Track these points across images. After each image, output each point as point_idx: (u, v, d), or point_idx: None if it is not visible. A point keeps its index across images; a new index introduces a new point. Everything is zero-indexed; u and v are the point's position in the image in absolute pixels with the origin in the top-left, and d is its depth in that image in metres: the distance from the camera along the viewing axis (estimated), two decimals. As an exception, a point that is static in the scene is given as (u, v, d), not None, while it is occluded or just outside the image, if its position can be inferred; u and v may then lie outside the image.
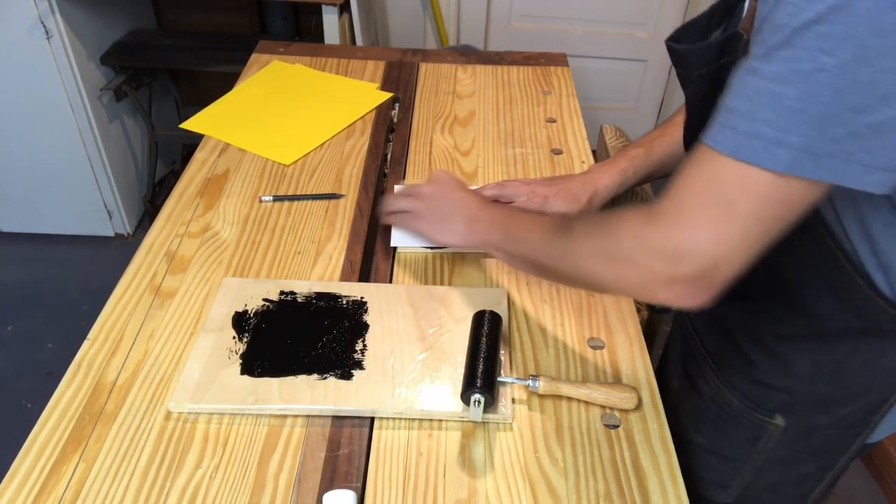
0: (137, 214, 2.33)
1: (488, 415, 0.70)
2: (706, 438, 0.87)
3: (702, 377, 0.86)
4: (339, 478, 0.66)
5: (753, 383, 0.79)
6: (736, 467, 0.85)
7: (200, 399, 0.71)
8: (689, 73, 0.72)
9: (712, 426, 0.85)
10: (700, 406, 0.87)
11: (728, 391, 0.82)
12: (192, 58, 2.11)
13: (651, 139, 0.94)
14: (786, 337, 0.74)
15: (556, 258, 0.68)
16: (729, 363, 0.82)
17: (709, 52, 0.67)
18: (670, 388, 0.95)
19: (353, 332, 0.79)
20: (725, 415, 0.83)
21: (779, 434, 0.79)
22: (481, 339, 0.74)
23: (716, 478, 0.88)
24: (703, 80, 0.70)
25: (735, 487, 0.88)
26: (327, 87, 1.30)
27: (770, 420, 0.79)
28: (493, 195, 0.95)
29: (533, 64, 1.39)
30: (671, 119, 0.95)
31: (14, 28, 1.80)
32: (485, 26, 2.50)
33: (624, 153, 0.94)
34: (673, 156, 0.93)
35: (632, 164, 0.92)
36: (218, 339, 0.78)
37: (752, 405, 0.80)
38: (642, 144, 0.93)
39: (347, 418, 0.71)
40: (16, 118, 1.97)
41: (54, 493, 0.64)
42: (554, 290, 0.87)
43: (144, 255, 0.91)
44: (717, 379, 0.83)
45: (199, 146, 1.13)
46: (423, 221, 0.86)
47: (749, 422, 0.81)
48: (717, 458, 0.87)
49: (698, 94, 0.71)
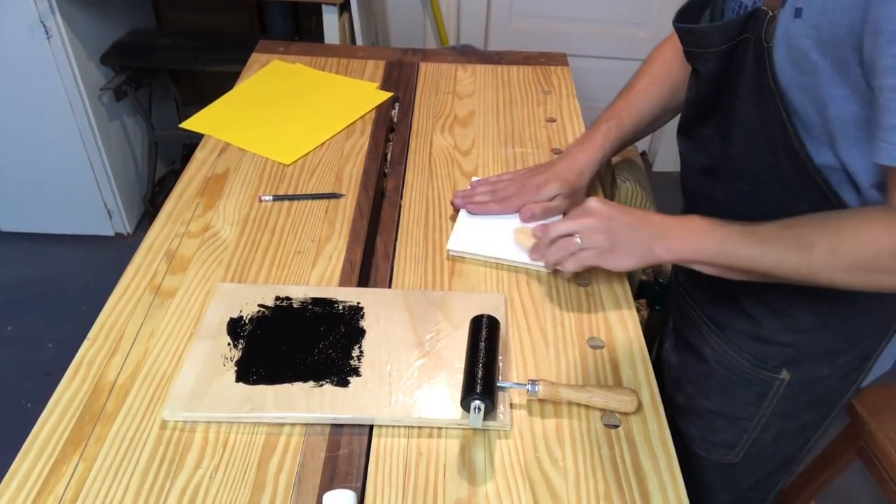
0: (137, 214, 2.33)
1: (487, 422, 0.70)
2: (714, 402, 0.90)
3: (706, 344, 0.89)
4: (339, 478, 0.66)
5: (759, 342, 0.83)
6: (744, 426, 0.89)
7: (195, 408, 0.70)
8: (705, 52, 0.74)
9: (720, 389, 0.89)
10: (706, 371, 0.90)
11: (734, 352, 0.85)
12: (192, 58, 2.11)
13: (619, 111, 0.96)
14: (786, 292, 0.77)
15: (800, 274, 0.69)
16: (733, 326, 0.86)
17: (731, 29, 0.69)
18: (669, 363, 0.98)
19: (350, 338, 0.79)
20: (733, 376, 0.87)
21: (784, 388, 0.83)
22: (479, 345, 0.73)
23: (725, 439, 0.92)
24: (722, 56, 0.72)
25: (742, 446, 0.91)
26: (327, 86, 1.30)
27: (776, 375, 0.83)
28: (486, 199, 0.96)
29: (533, 64, 1.39)
30: (633, 86, 0.98)
31: (14, 28, 1.80)
32: (485, 26, 2.50)
33: (597, 128, 0.97)
34: (640, 125, 0.97)
35: (607, 139, 0.95)
36: (213, 345, 0.77)
37: (758, 363, 0.84)
38: (612, 117, 0.96)
39: (345, 426, 0.71)
40: (16, 118, 1.97)
41: (54, 493, 0.64)
42: (553, 290, 0.87)
43: (144, 254, 0.91)
44: (724, 343, 0.87)
45: (199, 146, 1.13)
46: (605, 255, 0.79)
47: (756, 379, 0.85)
48: (726, 420, 0.90)
49: (715, 70, 0.74)
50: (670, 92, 0.94)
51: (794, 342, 0.81)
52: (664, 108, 0.96)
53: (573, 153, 0.96)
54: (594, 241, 0.78)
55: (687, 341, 0.94)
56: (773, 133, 0.69)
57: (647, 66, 0.97)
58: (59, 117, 1.96)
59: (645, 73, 0.97)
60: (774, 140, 0.69)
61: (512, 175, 0.99)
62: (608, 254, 0.78)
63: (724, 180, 0.79)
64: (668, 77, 0.94)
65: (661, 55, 0.96)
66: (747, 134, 0.72)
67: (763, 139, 0.70)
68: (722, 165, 0.78)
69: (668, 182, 2.61)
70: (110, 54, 2.06)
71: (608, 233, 0.78)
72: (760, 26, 0.65)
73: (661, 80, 0.95)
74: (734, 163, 0.76)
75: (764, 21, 0.65)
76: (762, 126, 0.70)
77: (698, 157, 0.83)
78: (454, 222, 0.96)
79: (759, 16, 0.66)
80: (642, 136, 0.99)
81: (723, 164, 0.78)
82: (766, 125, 0.69)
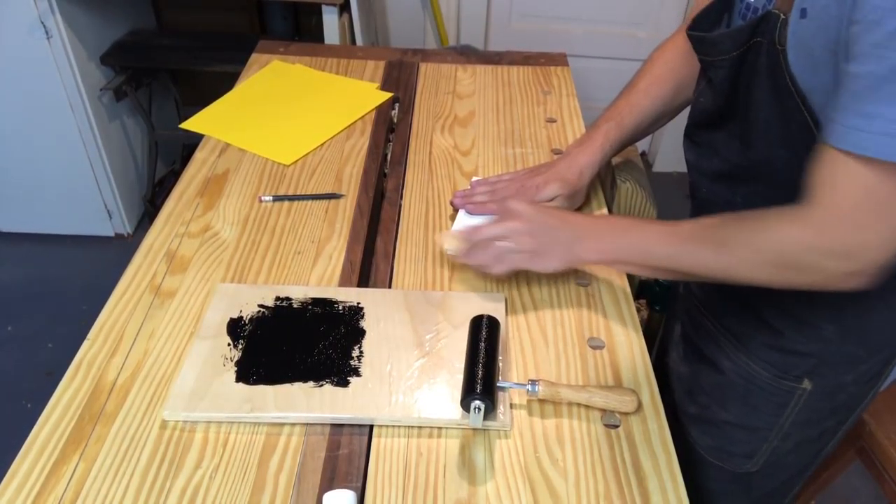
0: (137, 214, 2.33)
1: (487, 422, 0.70)
2: (733, 414, 0.89)
3: (724, 356, 0.88)
4: (339, 478, 0.66)
5: (781, 352, 0.82)
6: (764, 436, 0.88)
7: (195, 408, 0.70)
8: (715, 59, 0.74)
9: (739, 401, 0.88)
10: (723, 383, 0.89)
11: (756, 364, 0.84)
12: (192, 58, 2.11)
13: (620, 111, 0.96)
14: (810, 301, 0.76)
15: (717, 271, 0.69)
16: (753, 337, 0.84)
17: (742, 34, 0.69)
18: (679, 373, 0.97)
19: (350, 338, 0.79)
20: (754, 387, 0.86)
21: (805, 397, 0.83)
22: (479, 345, 0.73)
23: (744, 450, 0.91)
24: (734, 62, 0.72)
25: (761, 455, 0.90)
26: (327, 87, 1.30)
27: (798, 385, 0.82)
28: (485, 199, 0.96)
29: (533, 64, 1.39)
30: (634, 86, 0.98)
31: (14, 28, 1.80)
32: (485, 26, 2.50)
33: (597, 128, 0.97)
34: (641, 126, 0.97)
35: (607, 139, 0.95)
36: (213, 346, 0.77)
37: (780, 374, 0.83)
38: (612, 118, 0.96)
39: (346, 426, 0.71)
40: (16, 118, 1.97)
41: (54, 493, 0.64)
42: (554, 291, 0.87)
43: (144, 255, 0.91)
44: (743, 354, 0.85)
45: (199, 146, 1.13)
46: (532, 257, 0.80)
47: (778, 390, 0.84)
48: (745, 432, 0.89)
49: (728, 76, 0.74)
50: (672, 92, 0.94)
51: (816, 352, 0.80)
52: (665, 109, 0.96)
53: (573, 154, 0.96)
54: (521, 244, 0.79)
55: (701, 352, 0.92)
56: (797, 134, 0.68)
57: (649, 66, 0.97)
58: (59, 117, 1.96)
59: (646, 73, 0.97)
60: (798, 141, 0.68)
61: (511, 175, 0.99)
62: (535, 257, 0.80)
63: (742, 184, 0.78)
64: (670, 78, 0.94)
65: (663, 55, 0.96)
66: (768, 137, 0.71)
67: (786, 141, 0.69)
68: (740, 170, 0.77)
69: (668, 182, 2.61)
70: (110, 54, 2.06)
71: (533, 235, 0.79)
72: (773, 30, 0.65)
73: (663, 81, 0.95)
74: (755, 167, 0.75)
75: (776, 24, 0.65)
76: (785, 128, 0.69)
77: (710, 164, 0.82)
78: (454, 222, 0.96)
79: (770, 19, 0.65)
80: (643, 136, 0.99)
81: (742, 169, 0.77)
82: (789, 127, 0.68)
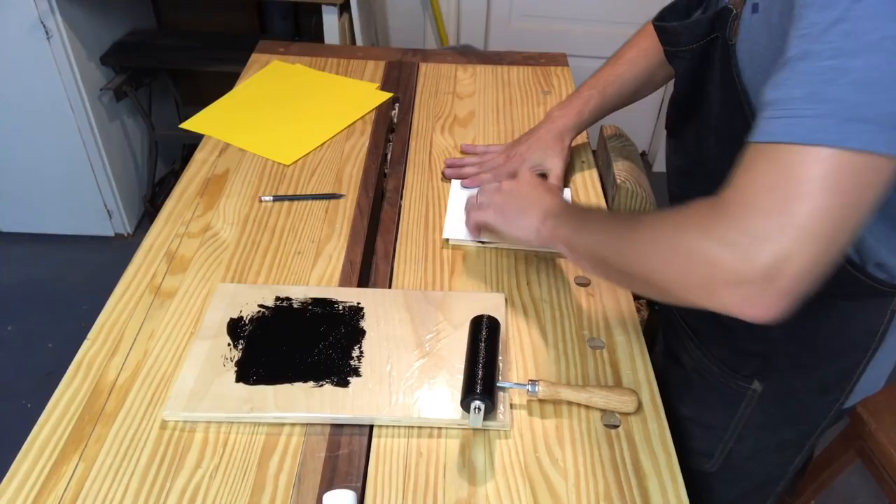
0: (137, 214, 2.33)
1: (487, 422, 0.70)
2: (689, 409, 0.90)
3: (684, 351, 0.90)
4: (339, 478, 0.66)
5: (731, 350, 0.83)
6: (718, 435, 0.89)
7: (195, 408, 0.70)
8: (678, 50, 0.75)
9: (695, 396, 0.89)
10: (683, 378, 0.90)
11: (709, 360, 0.85)
12: (192, 58, 2.11)
13: (604, 79, 1.01)
14: None
15: (622, 253, 0.64)
16: (708, 333, 0.85)
17: (699, 27, 0.70)
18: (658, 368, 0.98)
19: (350, 338, 0.79)
20: (707, 384, 0.86)
21: (756, 399, 0.83)
22: (479, 345, 0.73)
23: (701, 447, 0.91)
24: (695, 55, 0.73)
25: (718, 455, 0.91)
26: (327, 87, 1.30)
27: (748, 385, 0.82)
28: (475, 171, 1.03)
29: (533, 64, 1.39)
30: (621, 55, 1.01)
31: (14, 28, 1.80)
32: (485, 26, 2.50)
33: (578, 94, 1.03)
34: (623, 97, 1.02)
35: (586, 106, 1.01)
36: (213, 346, 0.77)
37: (730, 372, 0.83)
38: (594, 86, 1.02)
39: (346, 426, 0.71)
40: (16, 118, 1.96)
41: (54, 493, 0.64)
42: (554, 291, 0.87)
43: (144, 255, 0.91)
44: (699, 350, 0.87)
45: (199, 146, 1.13)
46: (498, 215, 0.86)
47: (729, 388, 0.84)
48: (701, 428, 0.90)
49: (689, 68, 0.75)
50: (657, 66, 0.97)
51: (763, 352, 0.79)
52: (646, 81, 1.00)
53: (551, 116, 1.03)
54: (500, 203, 0.86)
55: (669, 347, 0.94)
56: (740, 133, 0.62)
57: (639, 36, 1.00)
58: (59, 117, 1.96)
59: (635, 45, 1.00)
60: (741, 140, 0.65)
61: (498, 147, 1.07)
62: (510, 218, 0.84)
63: (698, 181, 0.77)
64: (657, 50, 0.94)
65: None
66: (717, 134, 0.71)
67: (731, 139, 0.66)
68: (696, 166, 0.78)
69: (668, 182, 2.61)
70: (110, 54, 2.06)
71: (513, 199, 0.84)
72: (725, 24, 0.65)
73: (650, 54, 0.97)
74: (706, 164, 0.75)
75: (728, 19, 0.65)
76: (729, 126, 0.68)
77: (676, 158, 0.83)
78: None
79: (724, 14, 0.65)
80: (624, 105, 1.03)
81: (697, 165, 0.77)
82: (733, 125, 0.67)
